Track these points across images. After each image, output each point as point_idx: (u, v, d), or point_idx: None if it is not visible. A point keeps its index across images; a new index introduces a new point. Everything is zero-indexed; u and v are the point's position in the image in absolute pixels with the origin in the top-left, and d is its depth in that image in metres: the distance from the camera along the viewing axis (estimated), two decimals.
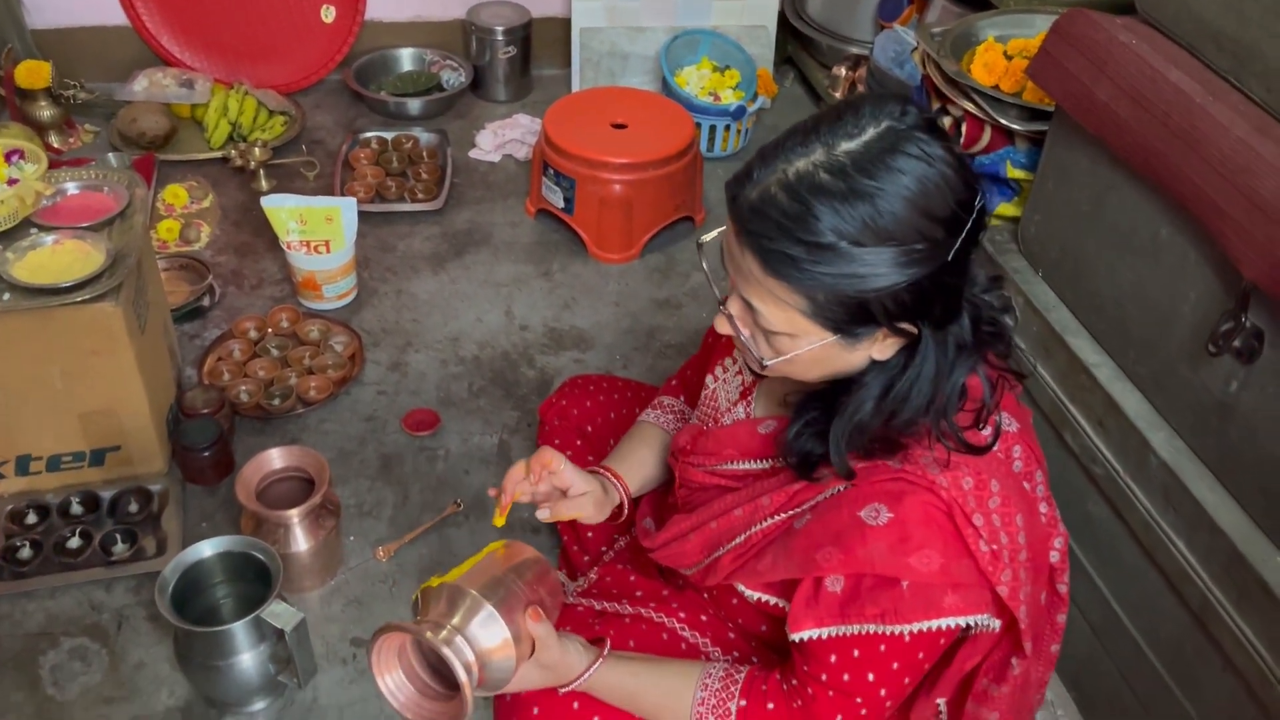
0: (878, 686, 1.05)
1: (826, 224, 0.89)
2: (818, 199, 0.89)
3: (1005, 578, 1.01)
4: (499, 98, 2.92)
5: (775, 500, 1.08)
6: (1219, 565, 1.18)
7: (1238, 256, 1.10)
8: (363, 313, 2.16)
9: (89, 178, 1.69)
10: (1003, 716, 1.16)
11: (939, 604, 0.99)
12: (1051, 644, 1.21)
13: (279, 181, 2.49)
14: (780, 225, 0.91)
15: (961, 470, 1.00)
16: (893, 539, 0.98)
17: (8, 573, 1.58)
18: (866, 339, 0.97)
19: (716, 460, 1.19)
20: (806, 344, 0.98)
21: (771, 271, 0.93)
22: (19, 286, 1.48)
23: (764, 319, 0.98)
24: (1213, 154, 1.12)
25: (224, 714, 1.45)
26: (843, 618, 1.01)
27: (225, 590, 1.49)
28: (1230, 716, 1.20)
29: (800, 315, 0.95)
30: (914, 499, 0.99)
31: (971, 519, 0.99)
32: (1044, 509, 1.12)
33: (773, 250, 0.92)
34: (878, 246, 0.89)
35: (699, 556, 1.18)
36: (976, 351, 1.01)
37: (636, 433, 1.44)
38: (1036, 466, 1.11)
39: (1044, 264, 1.53)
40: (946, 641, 1.05)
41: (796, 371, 1.03)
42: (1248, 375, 1.16)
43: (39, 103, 2.45)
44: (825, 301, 0.93)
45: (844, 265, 0.90)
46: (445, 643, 1.01)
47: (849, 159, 0.90)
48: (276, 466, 1.59)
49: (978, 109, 1.65)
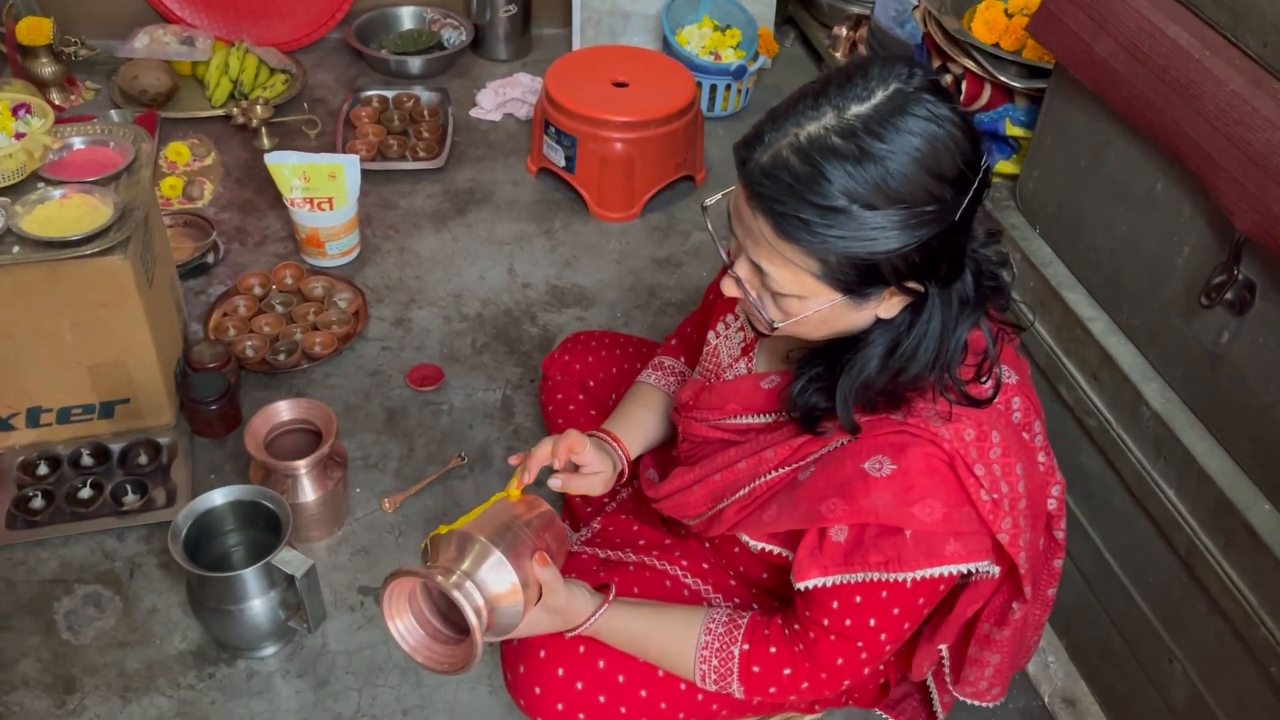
0: (878, 631, 1.08)
1: (839, 187, 0.90)
2: (830, 162, 0.90)
3: (1006, 525, 1.03)
4: (500, 56, 2.91)
5: (779, 453, 1.11)
6: (1207, 512, 1.21)
7: (1231, 209, 1.12)
8: (366, 270, 2.18)
9: (95, 132, 1.70)
10: (1004, 658, 1.20)
11: (941, 552, 1.02)
12: (1049, 588, 1.24)
13: (281, 139, 2.50)
14: (792, 189, 0.91)
15: (963, 422, 1.02)
16: (896, 489, 1.01)
17: (21, 522, 1.61)
18: (874, 299, 0.99)
19: (719, 415, 1.21)
20: (815, 305, 0.99)
21: (784, 235, 0.93)
22: (28, 239, 1.50)
23: (773, 282, 0.99)
24: (1209, 108, 1.14)
25: (236, 658, 1.49)
26: (847, 566, 1.04)
27: (236, 538, 1.52)
28: (1216, 657, 1.24)
29: (811, 278, 0.96)
30: (917, 450, 1.01)
31: (973, 469, 1.01)
32: (1042, 458, 1.14)
33: (785, 214, 0.92)
34: (888, 209, 0.90)
35: (703, 508, 1.20)
36: (979, 306, 1.03)
37: (636, 395, 1.45)
38: (1035, 417, 1.13)
39: (1041, 220, 1.55)
40: (946, 588, 1.08)
41: (804, 332, 1.05)
42: (1239, 327, 1.19)
43: (40, 59, 2.45)
44: (836, 264, 0.94)
45: (855, 228, 0.91)
46: (455, 587, 1.04)
47: (859, 122, 0.90)
48: (284, 418, 1.62)
49: (978, 67, 1.66)
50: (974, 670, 1.22)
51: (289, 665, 1.49)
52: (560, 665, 1.20)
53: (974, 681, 1.23)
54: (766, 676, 1.14)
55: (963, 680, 1.23)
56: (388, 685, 1.47)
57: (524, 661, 1.22)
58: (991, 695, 1.25)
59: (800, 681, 1.13)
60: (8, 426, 1.69)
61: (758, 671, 1.14)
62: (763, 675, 1.14)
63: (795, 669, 1.12)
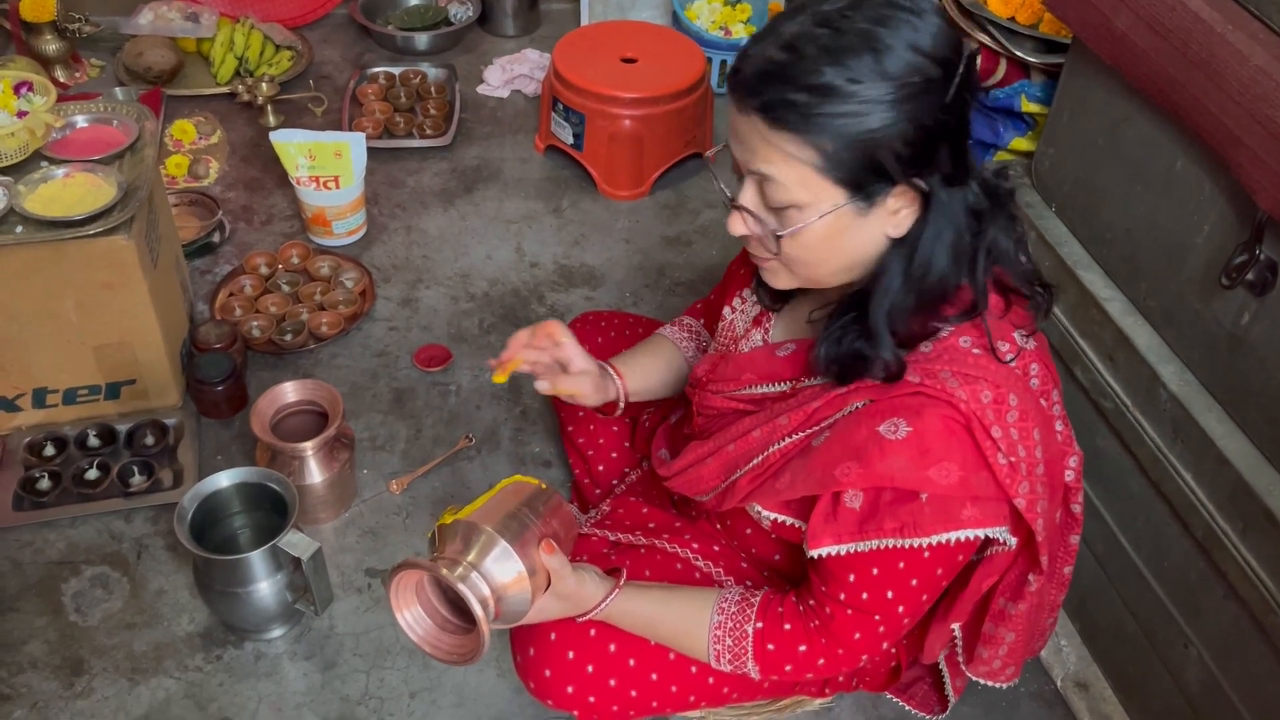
0: (896, 604, 1.06)
1: (823, 63, 0.91)
2: (810, 45, 0.92)
3: (1023, 490, 1.02)
4: (507, 32, 2.88)
5: (793, 419, 1.09)
6: (1224, 495, 1.19)
7: (1254, 187, 1.09)
8: (373, 249, 2.16)
9: (98, 110, 1.68)
10: (1018, 636, 1.18)
11: (957, 516, 1.00)
12: (1065, 566, 1.23)
13: (287, 117, 2.48)
14: (779, 76, 0.93)
15: (980, 384, 1.00)
16: (912, 452, 0.99)
17: (28, 503, 1.61)
18: (879, 203, 0.97)
19: (735, 385, 1.20)
20: (820, 210, 0.97)
21: (778, 124, 0.94)
22: (31, 219, 1.48)
23: (776, 187, 0.97)
24: (1231, 83, 1.11)
25: (243, 640, 1.48)
26: (861, 533, 1.02)
27: (242, 520, 1.51)
28: (1232, 643, 1.22)
29: (812, 171, 0.95)
30: (933, 412, 0.99)
31: (990, 431, 1.00)
32: (1060, 427, 1.13)
33: (775, 101, 0.93)
34: (876, 81, 0.91)
35: (717, 481, 1.19)
36: (991, 215, 1.01)
37: (648, 342, 1.45)
38: (1053, 386, 1.11)
39: (1057, 198, 1.52)
40: (965, 558, 1.07)
41: (814, 259, 1.02)
42: (1260, 308, 1.16)
43: (44, 36, 2.43)
44: (834, 150, 0.93)
45: (846, 104, 0.91)
46: (461, 579, 1.03)
47: (838, 14, 0.93)
48: (290, 400, 1.61)
49: (993, 41, 1.63)
50: (988, 648, 1.20)
51: (296, 647, 1.48)
52: (570, 648, 1.19)
53: (988, 660, 1.21)
54: (782, 654, 1.13)
55: (976, 659, 1.22)
56: (395, 668, 1.47)
57: (534, 644, 1.21)
58: (1005, 675, 1.24)
59: (816, 658, 1.11)
60: (14, 407, 1.68)
61: (772, 649, 1.13)
62: (778, 653, 1.13)
63: (811, 645, 1.11)
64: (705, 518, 1.33)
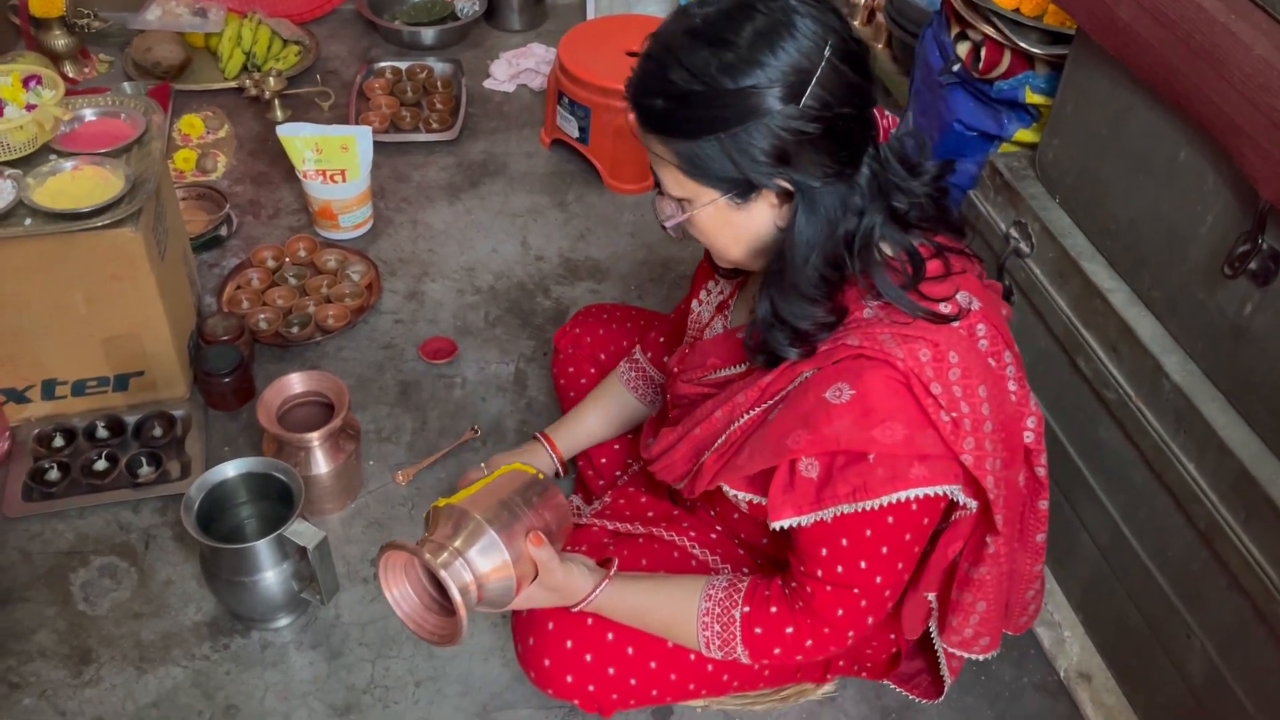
0: (871, 574, 1.07)
1: (679, 74, 0.96)
2: (672, 55, 0.97)
3: (969, 445, 1.03)
4: (513, 26, 2.89)
5: (749, 396, 1.11)
6: (1227, 485, 1.19)
7: (1256, 177, 1.09)
8: (379, 242, 2.17)
9: (106, 104, 1.70)
10: (989, 605, 1.18)
11: (906, 474, 1.02)
12: (1037, 533, 1.24)
13: (294, 111, 2.49)
14: (648, 87, 1.00)
15: (918, 343, 1.02)
16: (856, 413, 1.01)
17: (37, 494, 1.62)
18: (754, 197, 1.02)
19: (702, 371, 1.22)
20: (697, 205, 1.04)
21: (648, 128, 1.01)
22: (40, 211, 1.49)
23: (663, 184, 1.05)
24: (1234, 74, 1.11)
25: (250, 629, 1.49)
26: (819, 502, 1.04)
27: (249, 510, 1.52)
28: (1235, 633, 1.22)
29: (680, 173, 1.01)
30: (873, 374, 1.01)
31: (929, 388, 1.01)
32: (1013, 388, 1.13)
33: (643, 107, 1.01)
34: (730, 86, 0.95)
35: (687, 465, 1.20)
36: (878, 213, 1.03)
37: (595, 391, 1.55)
38: (1004, 346, 1.12)
39: (1061, 190, 1.52)
40: (931, 521, 1.08)
41: (713, 243, 1.09)
42: (1263, 297, 1.16)
43: (53, 32, 2.45)
44: (691, 154, 0.99)
45: (701, 109, 0.96)
46: (444, 565, 1.05)
47: (704, 21, 0.97)
48: (297, 391, 1.62)
49: (998, 33, 1.63)
50: (956, 616, 1.21)
51: (302, 637, 1.49)
52: (569, 637, 1.20)
53: (959, 629, 1.22)
54: (769, 637, 1.14)
55: (948, 628, 1.22)
56: (400, 656, 1.48)
57: (533, 634, 1.22)
58: (980, 646, 1.24)
59: (804, 639, 1.12)
60: (23, 399, 1.70)
61: (760, 633, 1.14)
62: (765, 636, 1.14)
63: (797, 626, 1.12)
64: (701, 505, 1.34)
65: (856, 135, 1.00)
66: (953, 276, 1.07)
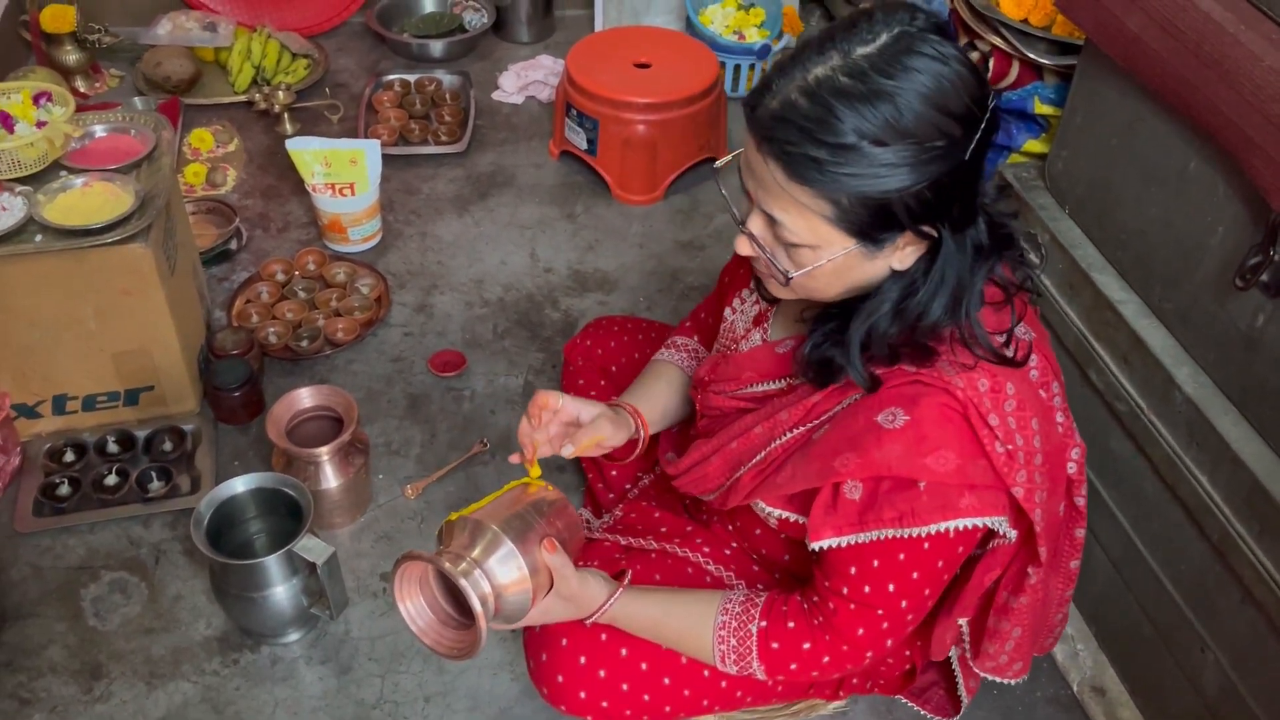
0: (898, 597, 1.06)
1: (849, 125, 0.90)
2: (839, 101, 0.90)
3: (1020, 479, 1.02)
4: (521, 39, 2.90)
5: (793, 414, 1.09)
6: (1240, 498, 1.18)
7: (1268, 188, 1.09)
8: (388, 255, 2.17)
9: (116, 120, 1.70)
10: (1024, 631, 1.18)
11: (955, 504, 1.00)
12: (1071, 560, 1.22)
13: (303, 125, 2.50)
14: (802, 129, 0.91)
15: (977, 372, 1.01)
16: (909, 440, 0.99)
17: (48, 509, 1.62)
18: (888, 246, 0.98)
19: (737, 385, 1.20)
20: (828, 254, 0.98)
21: (796, 177, 0.93)
22: (51, 228, 1.50)
23: (786, 231, 0.98)
24: (1244, 84, 1.10)
25: (259, 644, 1.49)
26: (861, 524, 1.02)
27: (258, 525, 1.53)
28: (1249, 647, 1.21)
29: (824, 222, 0.95)
30: (929, 400, 1.00)
31: (987, 419, 1.00)
32: (1060, 419, 1.13)
33: (796, 155, 0.92)
34: (899, 145, 0.90)
35: (721, 479, 1.19)
36: (994, 254, 1.02)
37: (652, 370, 1.44)
38: (1053, 377, 1.11)
39: (1071, 200, 1.52)
40: (965, 550, 1.07)
41: (818, 287, 1.04)
42: (1275, 309, 1.15)
43: (64, 47, 2.46)
44: (849, 205, 0.93)
45: (866, 165, 0.91)
46: (463, 575, 1.04)
47: (866, 62, 0.91)
48: (306, 405, 1.62)
49: (1006, 44, 1.63)
50: (993, 643, 1.20)
51: (312, 652, 1.49)
52: (582, 653, 1.20)
53: (994, 655, 1.21)
54: (786, 653, 1.13)
55: (983, 654, 1.21)
56: (410, 672, 1.47)
57: (546, 649, 1.21)
58: (1013, 671, 1.23)
59: (821, 655, 1.11)
60: (34, 414, 1.70)
61: (777, 648, 1.13)
62: (782, 651, 1.13)
63: (815, 642, 1.11)
64: (717, 520, 1.33)
65: (982, 178, 0.99)
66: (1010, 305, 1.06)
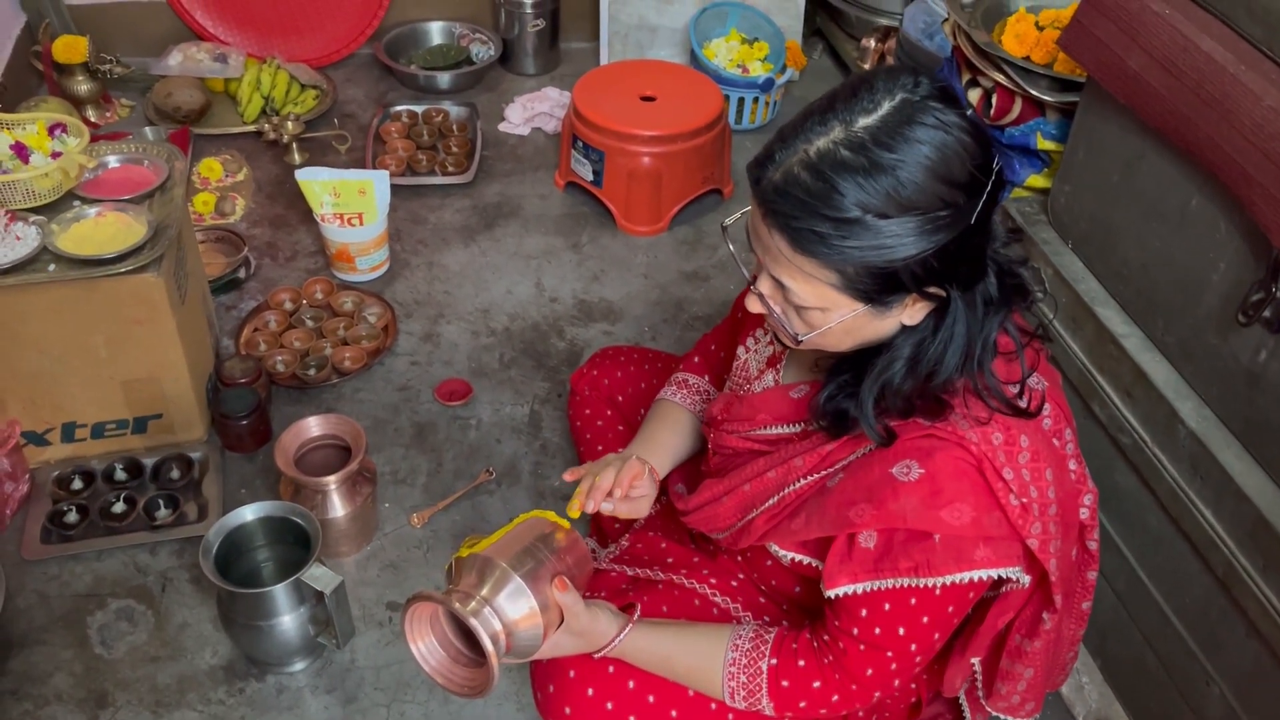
0: (908, 641, 1.07)
1: (851, 199, 0.91)
2: (841, 175, 0.91)
3: (1035, 530, 1.03)
4: (528, 71, 2.93)
5: (808, 461, 1.10)
6: (1244, 532, 1.18)
7: (1268, 226, 1.10)
8: (395, 284, 2.19)
9: (129, 151, 1.72)
10: (1037, 672, 1.18)
11: (970, 556, 1.01)
12: (1083, 601, 1.23)
13: (311, 155, 2.52)
14: (805, 204, 0.92)
15: (991, 426, 1.02)
16: (924, 493, 1.00)
17: (55, 536, 1.63)
18: (897, 306, 1.00)
19: (750, 426, 1.21)
20: (838, 316, 1.00)
21: (800, 250, 0.95)
22: (64, 257, 1.52)
23: (795, 295, 1.00)
24: (1244, 123, 1.12)
25: (265, 673, 1.49)
26: (877, 573, 1.03)
27: (266, 554, 1.53)
28: (1254, 681, 1.21)
29: (831, 289, 0.97)
30: (945, 454, 1.01)
31: (1001, 473, 1.01)
32: (1073, 466, 1.14)
33: (800, 229, 0.94)
34: (902, 217, 0.91)
35: (733, 519, 1.20)
36: (1005, 305, 1.03)
37: (659, 414, 1.44)
38: (1065, 425, 1.12)
39: (1073, 235, 1.53)
40: (975, 596, 1.07)
41: (829, 344, 1.06)
42: (1277, 345, 1.16)
43: (76, 77, 2.49)
44: (855, 274, 0.95)
45: (871, 238, 0.92)
46: (473, 614, 1.04)
47: (868, 134, 0.91)
48: (314, 434, 1.63)
49: (1009, 80, 1.65)
50: (1006, 684, 1.20)
51: (318, 681, 1.49)
52: (590, 685, 1.20)
53: (1006, 695, 1.22)
54: (796, 690, 1.13)
55: (995, 694, 1.22)
56: (416, 701, 1.47)
57: (553, 681, 1.21)
58: (1025, 711, 1.23)
59: (831, 694, 1.12)
60: (43, 441, 1.71)
61: (787, 686, 1.13)
62: (792, 689, 1.13)
63: (825, 681, 1.12)
64: (724, 552, 1.34)
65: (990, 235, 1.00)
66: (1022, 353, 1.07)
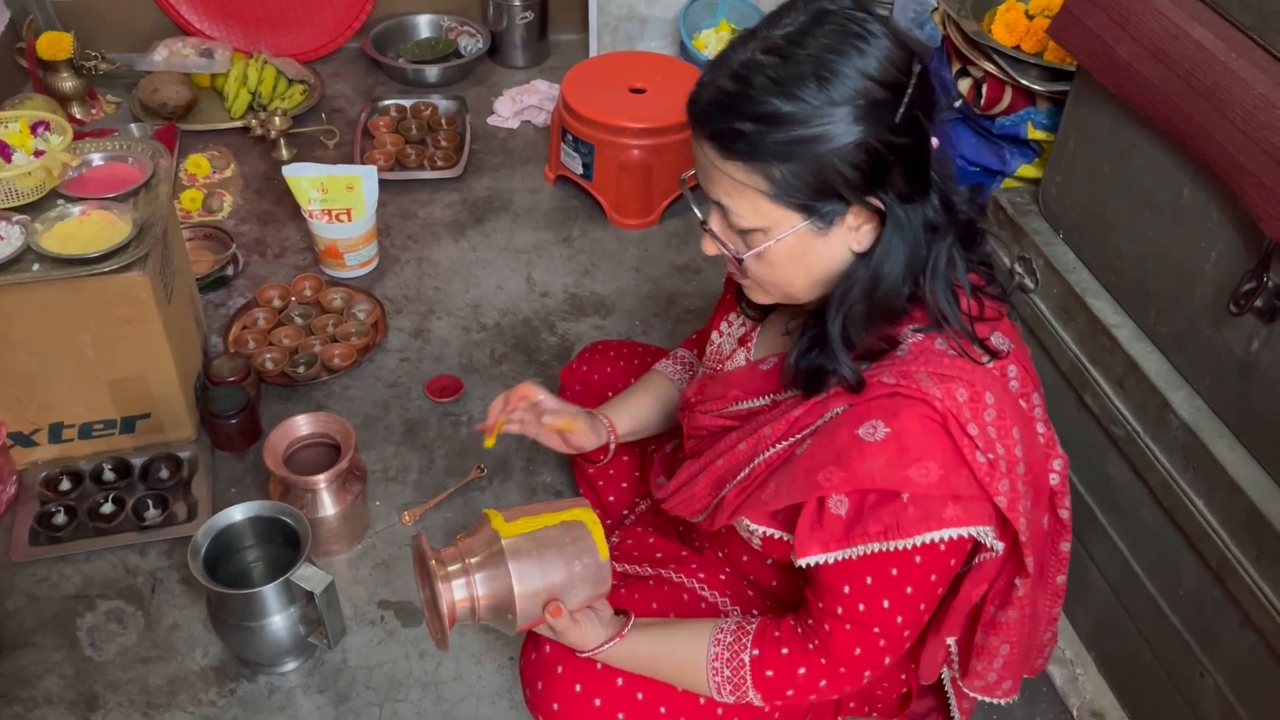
0: (893, 614, 1.06)
1: (767, 94, 0.93)
2: (755, 74, 0.94)
3: (1003, 488, 1.02)
4: (517, 64, 2.91)
5: (776, 429, 1.10)
6: (1238, 523, 1.18)
7: (1260, 215, 1.10)
8: (385, 280, 2.18)
9: (114, 148, 1.71)
10: (1013, 648, 1.17)
11: (939, 515, 1.01)
12: (1057, 574, 1.23)
13: (299, 150, 2.51)
14: (728, 106, 0.96)
15: (955, 383, 1.01)
16: (891, 452, 1.00)
17: (44, 538, 1.62)
18: (837, 221, 1.00)
19: (723, 404, 1.22)
20: (778, 234, 1.00)
21: (726, 154, 0.97)
22: (48, 257, 1.50)
23: (734, 216, 1.01)
24: (1235, 111, 1.11)
25: (256, 674, 1.48)
26: (848, 540, 1.03)
27: (255, 554, 1.52)
28: (1249, 671, 1.21)
29: (765, 199, 0.98)
30: (910, 412, 1.00)
31: (966, 429, 1.00)
32: (1042, 429, 1.13)
33: (721, 130, 0.96)
34: (820, 105, 0.93)
35: (707, 499, 1.20)
36: (952, 233, 1.03)
37: (642, 380, 1.50)
38: (1033, 389, 1.12)
39: (1065, 225, 1.53)
40: (956, 563, 1.07)
41: (784, 278, 1.05)
42: (1269, 334, 1.16)
43: (61, 74, 2.47)
44: (783, 177, 0.96)
45: (791, 129, 0.94)
46: (443, 578, 1.07)
47: (783, 38, 0.95)
48: (303, 433, 1.62)
49: (999, 70, 1.64)
50: (982, 661, 1.20)
51: (310, 681, 1.48)
52: (578, 681, 1.19)
53: (982, 673, 1.21)
54: (781, 679, 1.12)
55: (971, 672, 1.21)
56: (408, 700, 1.47)
57: (542, 678, 1.21)
58: (1002, 690, 1.23)
59: (818, 679, 1.11)
60: (30, 442, 1.70)
61: (771, 675, 1.13)
62: (777, 678, 1.13)
63: (810, 667, 1.11)
64: (709, 546, 1.33)
65: (930, 154, 1.01)
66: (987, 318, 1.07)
